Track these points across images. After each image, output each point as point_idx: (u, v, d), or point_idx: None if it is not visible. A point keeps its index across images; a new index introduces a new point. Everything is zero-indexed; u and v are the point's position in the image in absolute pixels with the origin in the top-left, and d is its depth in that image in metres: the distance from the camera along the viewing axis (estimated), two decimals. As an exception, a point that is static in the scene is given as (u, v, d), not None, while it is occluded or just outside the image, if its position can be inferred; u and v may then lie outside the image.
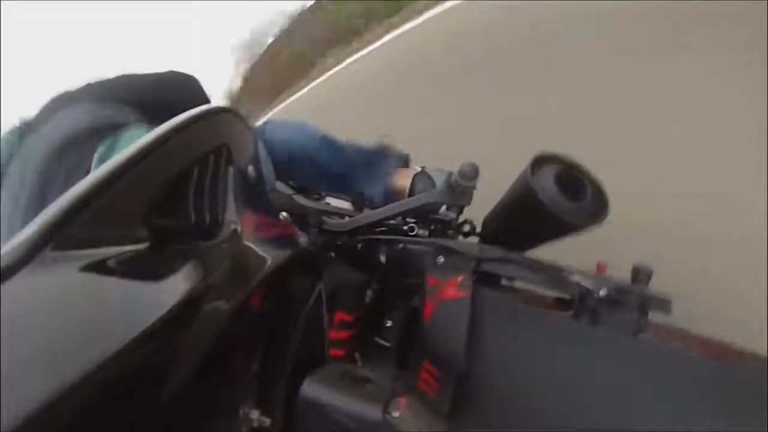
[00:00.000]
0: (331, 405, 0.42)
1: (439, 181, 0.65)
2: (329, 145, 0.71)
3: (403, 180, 0.70)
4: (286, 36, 9.97)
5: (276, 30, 10.77)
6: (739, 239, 0.83)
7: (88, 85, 0.56)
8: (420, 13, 3.84)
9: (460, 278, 0.47)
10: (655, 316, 0.42)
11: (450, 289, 0.46)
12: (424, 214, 0.61)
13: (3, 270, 0.22)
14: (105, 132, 0.49)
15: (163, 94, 0.60)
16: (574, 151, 0.55)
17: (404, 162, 0.75)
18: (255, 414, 0.48)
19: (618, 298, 0.42)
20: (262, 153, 0.64)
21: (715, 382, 0.36)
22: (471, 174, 0.53)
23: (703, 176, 0.94)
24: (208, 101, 0.70)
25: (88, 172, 0.45)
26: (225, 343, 0.45)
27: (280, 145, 0.70)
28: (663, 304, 0.42)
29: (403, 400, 0.42)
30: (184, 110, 0.35)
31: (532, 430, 0.39)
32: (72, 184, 0.28)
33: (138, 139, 0.32)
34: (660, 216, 0.97)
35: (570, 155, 0.55)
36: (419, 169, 0.68)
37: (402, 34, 3.94)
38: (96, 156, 0.47)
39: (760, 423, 0.32)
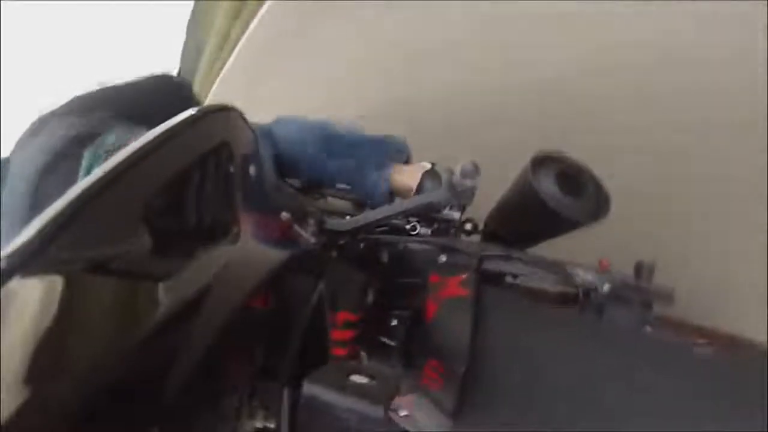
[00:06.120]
0: (333, 404, 0.42)
1: (444, 179, 0.64)
2: (334, 138, 0.70)
3: (410, 178, 0.67)
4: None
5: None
6: (739, 231, 0.84)
7: (71, 100, 0.56)
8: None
9: (463, 276, 0.47)
10: (658, 309, 0.42)
11: (453, 287, 0.47)
12: (426, 214, 0.61)
13: (3, 272, 0.22)
14: (88, 140, 0.48)
15: (148, 98, 0.59)
16: (573, 148, 0.55)
17: (406, 156, 0.72)
18: (259, 416, 0.48)
19: (622, 294, 0.42)
20: (266, 151, 0.64)
21: (718, 372, 0.36)
22: (471, 173, 0.53)
23: (703, 173, 0.95)
24: (196, 101, 0.68)
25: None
26: (228, 344, 0.45)
27: (290, 142, 0.70)
28: (666, 297, 0.42)
29: (407, 399, 0.42)
30: (170, 113, 0.35)
31: (537, 427, 0.39)
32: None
33: (121, 140, 0.32)
34: (660, 212, 0.98)
35: (570, 152, 0.55)
36: (429, 167, 0.67)
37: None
38: (82, 165, 0.47)
39: (762, 412, 0.33)
